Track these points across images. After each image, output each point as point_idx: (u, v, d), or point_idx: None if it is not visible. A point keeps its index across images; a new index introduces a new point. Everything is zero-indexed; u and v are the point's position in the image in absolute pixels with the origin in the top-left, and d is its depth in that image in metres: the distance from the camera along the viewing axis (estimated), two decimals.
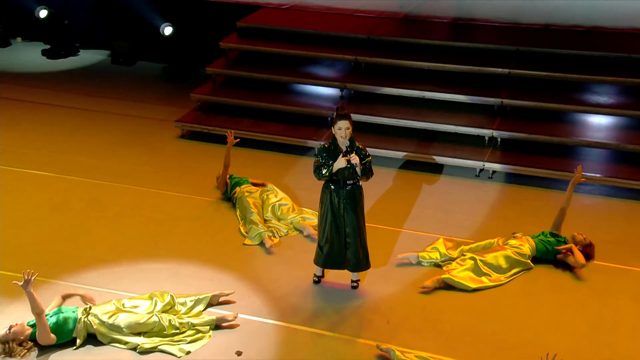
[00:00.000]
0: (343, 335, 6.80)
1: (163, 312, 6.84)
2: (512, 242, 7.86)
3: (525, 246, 7.79)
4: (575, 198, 9.00)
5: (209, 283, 7.38)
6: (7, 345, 6.49)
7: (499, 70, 10.44)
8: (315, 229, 7.71)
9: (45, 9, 13.76)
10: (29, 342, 6.57)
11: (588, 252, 7.80)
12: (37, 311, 6.35)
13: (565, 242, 7.85)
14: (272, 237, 8.31)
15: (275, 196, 8.78)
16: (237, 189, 8.83)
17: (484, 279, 7.60)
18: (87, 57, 14.16)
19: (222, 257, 8.05)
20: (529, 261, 7.83)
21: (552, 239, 7.83)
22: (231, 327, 6.86)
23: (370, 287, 7.51)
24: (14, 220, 8.62)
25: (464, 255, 7.82)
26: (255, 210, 8.54)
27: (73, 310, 6.68)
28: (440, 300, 7.35)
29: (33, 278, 6.30)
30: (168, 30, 13.02)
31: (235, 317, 6.92)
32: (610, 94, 10.19)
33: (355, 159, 6.87)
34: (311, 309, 7.25)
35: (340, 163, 6.89)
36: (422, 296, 7.40)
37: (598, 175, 9.34)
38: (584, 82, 10.29)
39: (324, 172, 7.02)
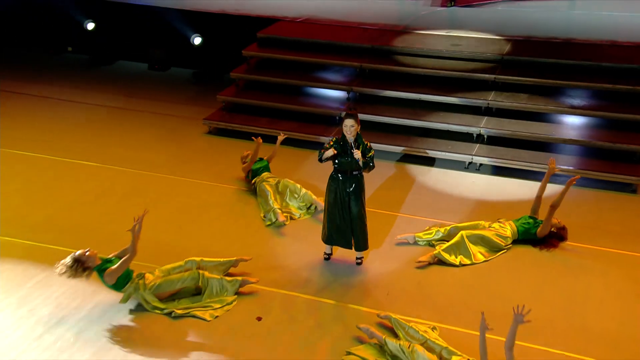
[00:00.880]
0: (348, 305, 6.87)
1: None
2: (496, 225, 7.90)
3: (507, 229, 7.83)
4: (552, 188, 8.93)
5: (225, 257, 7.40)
6: (76, 264, 6.56)
7: (486, 75, 10.50)
8: None
9: (92, 22, 13.78)
10: (91, 271, 6.61)
11: (562, 234, 7.85)
12: (133, 254, 6.51)
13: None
14: (285, 215, 8.39)
15: (290, 182, 8.78)
16: (257, 178, 8.85)
17: (465, 259, 7.61)
18: (127, 63, 14.19)
19: (244, 237, 8.11)
20: (509, 243, 7.84)
21: (530, 221, 7.87)
22: (251, 291, 6.95)
23: (372, 264, 7.57)
24: (68, 204, 8.74)
25: (454, 232, 7.86)
26: (272, 192, 8.55)
27: (131, 271, 6.81)
28: (434, 275, 7.40)
29: (139, 226, 6.54)
30: (197, 40, 13.09)
31: (257, 281, 7.00)
32: (582, 97, 10.17)
33: (357, 154, 6.91)
34: (321, 282, 7.31)
35: (329, 153, 6.97)
36: (417, 272, 7.44)
37: (571, 167, 9.31)
38: (560, 86, 10.31)
39: (320, 156, 7.08)
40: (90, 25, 13.96)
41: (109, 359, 6.16)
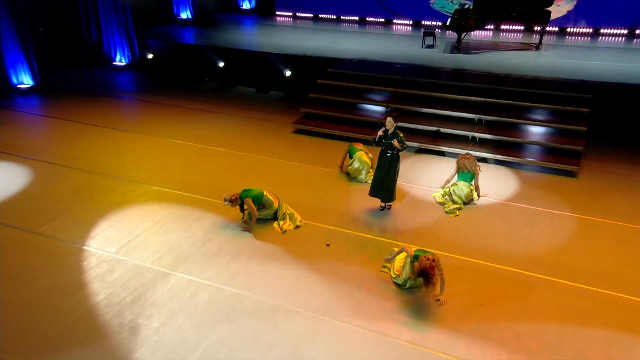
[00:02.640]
0: (382, 238, 7.17)
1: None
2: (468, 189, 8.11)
3: (469, 189, 8.08)
4: (521, 172, 9.23)
5: (306, 209, 7.77)
6: (230, 201, 7.23)
7: (479, 98, 10.62)
8: None
9: (222, 61, 13.95)
10: (239, 200, 7.23)
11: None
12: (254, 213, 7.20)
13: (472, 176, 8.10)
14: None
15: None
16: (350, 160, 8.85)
17: (450, 203, 7.96)
18: (242, 88, 14.28)
19: (318, 196, 8.30)
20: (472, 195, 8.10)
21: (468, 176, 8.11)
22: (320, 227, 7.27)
23: (400, 213, 7.81)
24: (208, 173, 9.07)
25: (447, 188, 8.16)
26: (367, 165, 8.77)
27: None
28: (439, 220, 7.65)
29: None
30: (288, 73, 13.13)
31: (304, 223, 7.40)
32: (542, 114, 10.27)
33: (395, 142, 7.29)
34: (366, 223, 7.52)
35: (378, 133, 7.34)
36: (428, 218, 7.66)
37: (534, 160, 9.46)
38: (528, 107, 10.35)
39: (374, 140, 7.50)
40: (221, 64, 14.03)
41: (239, 261, 6.60)
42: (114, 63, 15.39)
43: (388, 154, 7.52)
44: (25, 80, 12.98)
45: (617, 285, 6.35)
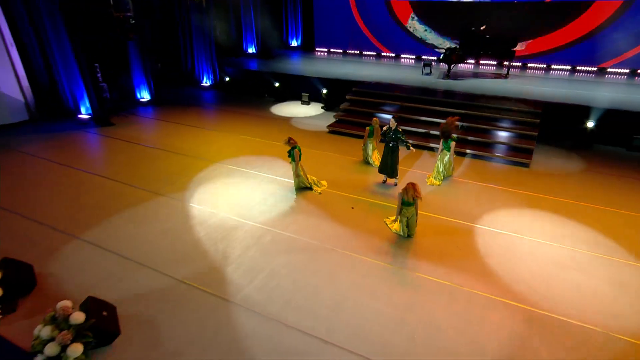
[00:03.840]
0: (386, 203, 7.39)
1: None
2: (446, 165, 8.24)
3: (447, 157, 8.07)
4: (490, 164, 9.25)
5: (337, 183, 7.86)
6: (289, 141, 7.16)
7: (461, 111, 10.60)
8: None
9: (277, 82, 13.99)
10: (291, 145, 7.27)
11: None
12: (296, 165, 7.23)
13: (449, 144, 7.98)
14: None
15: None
16: (370, 138, 8.74)
17: (435, 178, 8.12)
18: (292, 102, 13.74)
19: (344, 174, 8.39)
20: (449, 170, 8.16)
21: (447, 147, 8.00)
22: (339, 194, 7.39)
23: (400, 186, 7.90)
24: (267, 159, 9.11)
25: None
26: (372, 149, 8.75)
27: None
28: (429, 193, 7.80)
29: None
30: (324, 91, 13.00)
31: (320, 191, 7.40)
32: (507, 123, 10.28)
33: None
34: (374, 190, 7.78)
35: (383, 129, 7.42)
36: (422, 191, 7.50)
37: (500, 154, 9.46)
38: (498, 118, 10.37)
39: (382, 137, 7.65)
40: (277, 84, 14.11)
41: (291, 216, 6.94)
42: (202, 84, 15.87)
43: (390, 145, 7.75)
44: (145, 96, 13.92)
45: (549, 238, 6.67)
